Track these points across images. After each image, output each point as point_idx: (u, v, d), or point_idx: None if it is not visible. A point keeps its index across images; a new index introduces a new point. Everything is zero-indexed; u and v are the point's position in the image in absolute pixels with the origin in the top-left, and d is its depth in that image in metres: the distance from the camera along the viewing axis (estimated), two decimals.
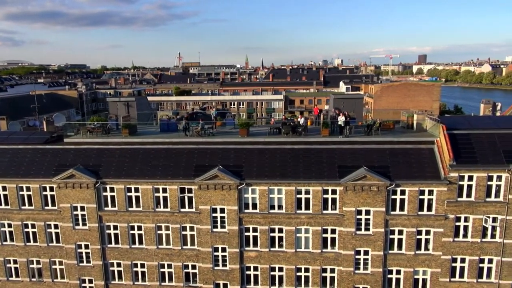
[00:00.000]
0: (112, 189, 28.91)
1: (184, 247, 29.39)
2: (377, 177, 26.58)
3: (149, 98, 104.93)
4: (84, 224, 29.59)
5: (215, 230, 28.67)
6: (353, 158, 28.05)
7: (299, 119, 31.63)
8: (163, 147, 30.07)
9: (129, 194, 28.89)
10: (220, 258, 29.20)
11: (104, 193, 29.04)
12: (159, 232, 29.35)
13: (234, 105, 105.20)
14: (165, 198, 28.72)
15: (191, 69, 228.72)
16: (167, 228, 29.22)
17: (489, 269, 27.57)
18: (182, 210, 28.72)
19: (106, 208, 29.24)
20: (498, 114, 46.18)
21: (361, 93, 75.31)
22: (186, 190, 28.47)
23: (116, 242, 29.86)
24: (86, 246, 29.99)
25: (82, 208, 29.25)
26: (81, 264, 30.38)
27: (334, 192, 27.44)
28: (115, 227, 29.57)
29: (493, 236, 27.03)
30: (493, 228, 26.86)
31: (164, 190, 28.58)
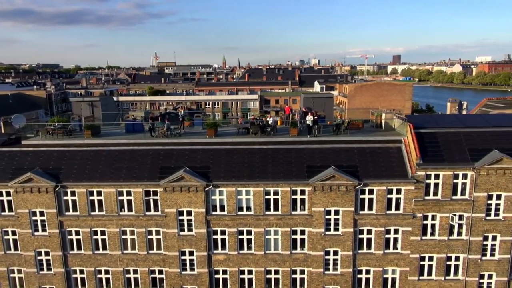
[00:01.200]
0: (73, 193, 27.67)
1: (150, 251, 28.44)
2: (346, 177, 26.36)
3: (122, 98, 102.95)
4: (44, 230, 28.22)
5: (182, 233, 27.84)
6: (322, 157, 27.76)
7: (267, 119, 31.14)
8: (127, 148, 29.02)
9: (91, 197, 27.72)
10: (187, 262, 28.40)
11: (65, 197, 27.76)
12: (123, 236, 28.29)
13: (209, 105, 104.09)
14: (129, 202, 27.69)
15: (167, 69, 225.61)
16: (132, 233, 28.20)
17: (456, 266, 27.79)
18: (148, 213, 27.76)
19: (67, 213, 27.97)
20: (464, 112, 47.02)
21: (331, 92, 75.58)
22: (151, 192, 27.53)
23: (79, 248, 28.62)
24: (47, 253, 28.62)
25: (42, 214, 27.88)
26: (41, 272, 28.98)
27: (302, 192, 27.07)
28: (77, 233, 28.32)
29: (459, 234, 27.25)
30: (460, 226, 27.07)
31: (128, 193, 27.55)
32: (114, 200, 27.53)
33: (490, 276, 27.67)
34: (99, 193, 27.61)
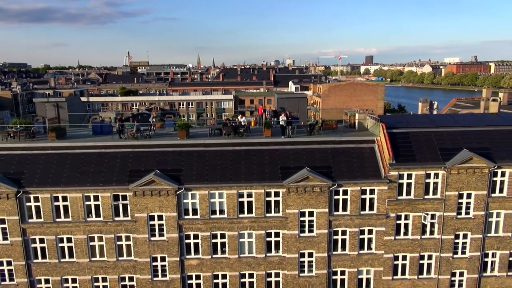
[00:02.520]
0: (36, 199, 26.28)
1: (120, 258, 27.37)
2: (320, 178, 26.13)
3: (92, 99, 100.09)
4: (5, 239, 26.71)
5: (153, 238, 26.93)
6: (296, 158, 27.43)
7: (240, 119, 30.53)
8: (94, 151, 27.82)
9: (56, 203, 26.41)
10: (159, 268, 27.49)
11: (28, 204, 26.34)
12: (91, 243, 27.10)
13: (183, 105, 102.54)
14: (97, 207, 26.55)
15: (140, 68, 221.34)
16: (100, 239, 27.05)
17: (429, 265, 28.04)
18: (117, 218, 26.70)
19: (30, 220, 26.55)
20: (435, 112, 47.87)
21: (305, 92, 75.84)
22: (120, 197, 26.49)
23: (43, 256, 27.23)
24: (9, 263, 27.10)
25: (2, 221, 26.35)
26: (3, 283, 27.40)
27: (277, 194, 26.65)
28: (42, 240, 26.93)
29: (431, 232, 27.50)
30: (432, 224, 27.32)
31: (96, 198, 26.41)
32: (80, 206, 26.32)
33: (461, 274, 28.06)
34: (64, 199, 26.35)
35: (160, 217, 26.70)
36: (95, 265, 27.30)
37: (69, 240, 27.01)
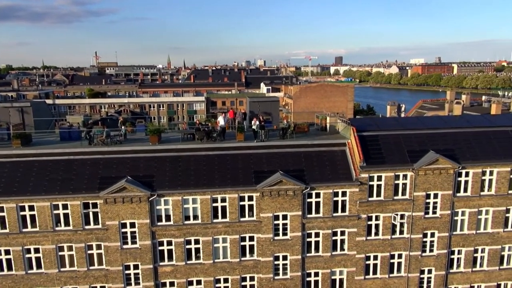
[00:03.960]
0: (1, 209, 25.23)
1: (91, 267, 26.67)
2: (293, 181, 26.40)
3: (58, 101, 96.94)
4: None
5: (125, 246, 26.41)
6: (269, 162, 27.60)
7: (218, 119, 30.14)
8: (62, 158, 26.99)
9: (22, 213, 25.46)
10: (132, 276, 27.00)
11: None
12: (60, 253, 26.29)
13: (153, 107, 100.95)
14: (66, 215, 25.78)
15: (108, 69, 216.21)
16: (70, 248, 26.28)
17: (399, 264, 28.87)
18: (87, 227, 26.02)
19: None
20: (403, 115, 49.33)
21: (277, 95, 76.42)
22: (90, 205, 25.83)
23: (9, 268, 26.16)
24: None
25: None
26: None
27: (250, 198, 26.73)
28: (7, 252, 25.88)
29: (401, 232, 28.32)
30: (401, 224, 28.14)
31: (65, 207, 25.64)
32: (48, 215, 25.49)
33: (429, 271, 29.06)
34: (31, 208, 25.44)
35: (132, 225, 26.23)
36: (65, 275, 26.49)
37: (36, 250, 26.10)
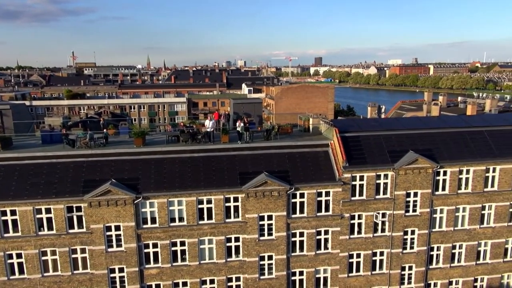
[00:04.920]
0: None
1: (75, 271, 26.42)
2: (278, 182, 26.79)
3: (35, 103, 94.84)
4: None
5: (110, 250, 26.27)
6: (254, 164, 27.92)
7: (206, 122, 30.19)
8: (44, 161, 26.63)
9: (3, 218, 25.04)
10: (117, 279, 26.87)
11: None
12: (43, 258, 25.95)
13: (134, 108, 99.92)
14: (49, 219, 25.48)
15: (86, 69, 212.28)
16: (53, 253, 25.97)
17: (381, 261, 29.64)
18: (71, 231, 25.78)
19: None
20: (383, 116, 50.44)
21: (260, 97, 76.94)
22: (74, 208, 25.60)
23: None
24: None
25: None
26: None
27: (236, 199, 27.00)
28: None
29: (383, 230, 29.08)
30: (383, 223, 28.91)
31: (48, 211, 25.34)
32: (31, 219, 25.13)
33: (410, 268, 29.93)
34: (13, 212, 25.04)
35: (117, 228, 26.12)
36: (48, 280, 26.16)
37: (18, 255, 25.70)
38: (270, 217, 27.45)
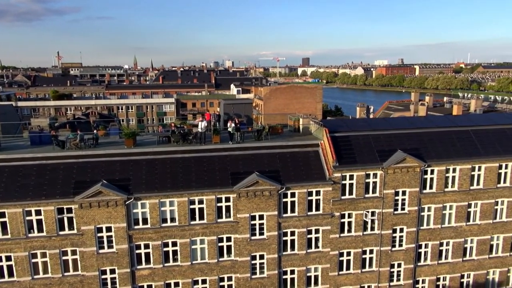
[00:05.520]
0: None
1: (66, 273, 26.24)
2: (269, 182, 27.02)
3: (21, 103, 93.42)
4: None
5: (101, 251, 26.17)
6: (245, 164, 28.10)
7: (199, 121, 30.15)
8: (34, 163, 26.40)
9: None
10: (108, 281, 26.77)
11: None
12: (33, 260, 25.72)
13: (122, 109, 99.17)
14: (39, 221, 25.28)
15: (72, 70, 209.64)
16: (43, 255, 25.76)
17: (371, 259, 30.10)
18: (61, 232, 25.61)
19: None
20: (371, 116, 51.13)
21: (250, 98, 77.22)
22: (65, 210, 25.45)
23: None
24: None
25: None
26: None
27: (227, 199, 27.15)
28: None
29: (372, 228, 29.55)
30: (372, 221, 29.36)
31: (38, 212, 25.14)
32: (21, 221, 24.90)
33: (399, 265, 30.47)
34: (2, 215, 24.78)
35: (108, 229, 26.04)
36: (39, 283, 25.93)
37: (8, 258, 25.43)
38: (261, 217, 27.66)
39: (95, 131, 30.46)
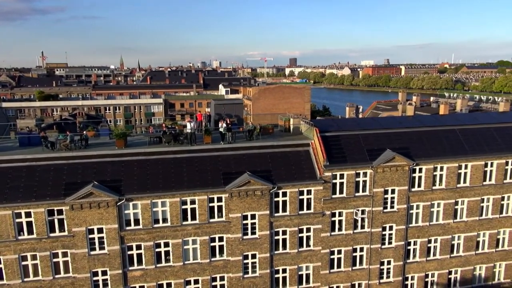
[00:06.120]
0: None
1: (57, 276, 26.03)
2: (261, 182, 27.20)
3: (5, 104, 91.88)
4: None
5: (93, 253, 26.03)
6: (237, 164, 28.24)
7: (186, 121, 30.15)
8: (24, 164, 26.13)
9: None
10: (100, 283, 26.64)
11: None
12: (23, 263, 25.45)
13: (109, 110, 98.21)
14: (29, 224, 25.03)
15: (58, 70, 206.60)
16: (34, 258, 25.51)
17: (361, 256, 30.53)
18: (52, 234, 25.40)
19: None
20: (360, 116, 51.72)
21: (240, 98, 77.35)
22: (55, 212, 25.24)
23: None
24: None
25: None
26: None
27: (219, 199, 27.26)
28: None
29: (362, 227, 29.97)
30: (362, 219, 29.78)
31: (28, 215, 24.89)
32: (10, 224, 24.62)
33: (389, 262, 30.96)
34: None
35: (100, 230, 25.91)
36: (29, 285, 25.67)
37: None
38: (253, 216, 27.83)
39: (84, 132, 30.21)
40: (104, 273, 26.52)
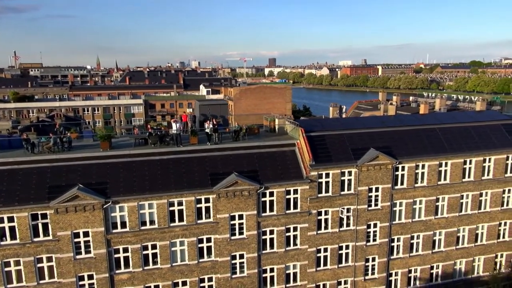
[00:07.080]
0: None
1: (41, 281, 25.47)
2: (248, 182, 27.33)
3: None
4: None
5: (78, 257, 25.59)
6: (224, 164, 28.28)
7: (172, 122, 29.94)
8: (4, 168, 25.46)
9: None
10: (86, 287, 26.21)
11: None
12: (6, 269, 24.81)
13: (88, 111, 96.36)
14: (12, 228, 24.41)
15: (32, 70, 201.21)
16: (17, 263, 24.90)
17: (347, 254, 31.05)
18: (36, 239, 24.84)
19: None
20: (344, 116, 52.48)
21: (224, 99, 77.18)
22: (39, 216, 24.70)
23: None
24: None
25: None
26: None
27: (207, 200, 27.24)
28: None
29: (348, 225, 30.48)
30: (348, 217, 30.30)
31: (10, 219, 24.27)
32: None
33: (373, 259, 31.59)
34: None
35: (86, 234, 25.51)
36: None
37: None
38: (241, 217, 27.94)
39: (68, 134, 29.65)
40: (90, 277, 26.12)
